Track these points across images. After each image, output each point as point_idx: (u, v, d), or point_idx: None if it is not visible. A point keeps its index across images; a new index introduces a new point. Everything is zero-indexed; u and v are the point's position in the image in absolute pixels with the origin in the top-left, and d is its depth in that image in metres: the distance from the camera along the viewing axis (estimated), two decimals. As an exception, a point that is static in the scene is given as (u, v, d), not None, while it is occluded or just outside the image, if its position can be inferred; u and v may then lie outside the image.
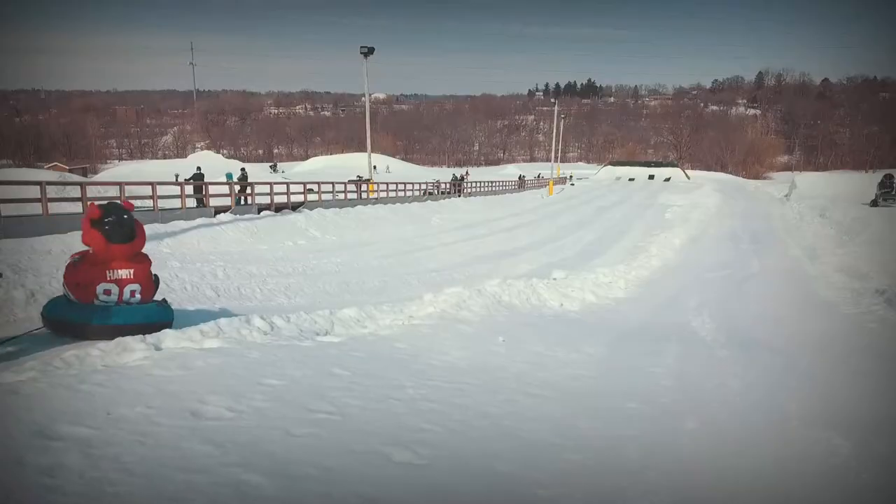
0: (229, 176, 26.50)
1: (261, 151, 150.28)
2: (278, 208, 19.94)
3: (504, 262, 15.92)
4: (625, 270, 13.31)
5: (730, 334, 7.41)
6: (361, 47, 29.06)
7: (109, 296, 4.66)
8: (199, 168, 23.91)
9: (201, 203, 18.80)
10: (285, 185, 20.81)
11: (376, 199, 26.58)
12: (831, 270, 15.49)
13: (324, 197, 23.34)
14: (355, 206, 23.93)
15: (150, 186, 15.80)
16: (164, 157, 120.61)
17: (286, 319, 5.06)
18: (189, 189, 18.68)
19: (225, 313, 5.77)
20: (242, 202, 20.69)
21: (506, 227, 26.40)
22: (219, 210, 17.69)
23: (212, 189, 18.97)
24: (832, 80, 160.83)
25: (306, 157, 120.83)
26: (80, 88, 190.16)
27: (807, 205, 31.23)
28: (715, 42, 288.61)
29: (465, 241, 20.11)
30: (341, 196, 24.23)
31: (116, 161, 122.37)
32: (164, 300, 5.11)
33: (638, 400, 4.06)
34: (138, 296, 4.79)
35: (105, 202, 5.21)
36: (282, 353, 4.11)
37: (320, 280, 11.71)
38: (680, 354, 5.94)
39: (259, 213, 18.85)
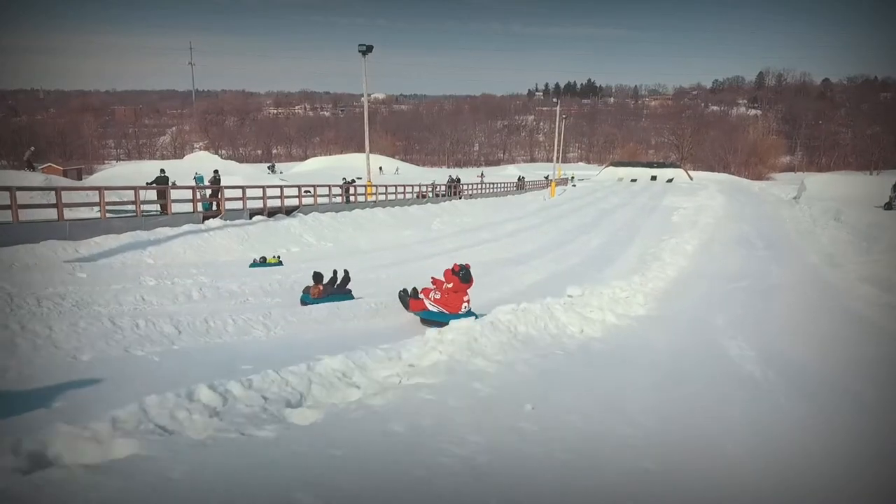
0: (199, 179, 25.28)
1: (259, 152, 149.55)
2: (271, 213, 19.03)
3: (510, 272, 14.99)
4: (641, 282, 12.39)
5: (778, 366, 6.49)
6: (359, 45, 28.18)
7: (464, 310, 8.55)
8: (162, 171, 22.04)
9: (164, 210, 17.22)
10: (279, 189, 19.82)
11: (374, 201, 25.66)
12: (856, 280, 14.57)
13: (320, 200, 22.41)
14: (352, 209, 23.04)
15: (132, 191, 14.86)
16: (163, 157, 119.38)
17: (246, 385, 3.87)
18: (178, 193, 17.74)
19: (178, 363, 4.83)
20: (214, 207, 18.88)
21: (509, 231, 25.48)
22: (208, 215, 16.77)
23: (178, 194, 17.75)
24: (833, 79, 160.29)
25: (305, 158, 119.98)
26: (80, 88, 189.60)
27: (818, 207, 30.30)
28: (715, 42, 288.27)
29: (468, 248, 19.18)
30: (338, 199, 23.31)
31: (114, 161, 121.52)
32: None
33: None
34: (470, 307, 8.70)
35: (462, 265, 8.88)
36: (221, 464, 2.95)
37: None
38: (739, 409, 4.96)
39: (251, 218, 17.95)
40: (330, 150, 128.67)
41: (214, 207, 18.35)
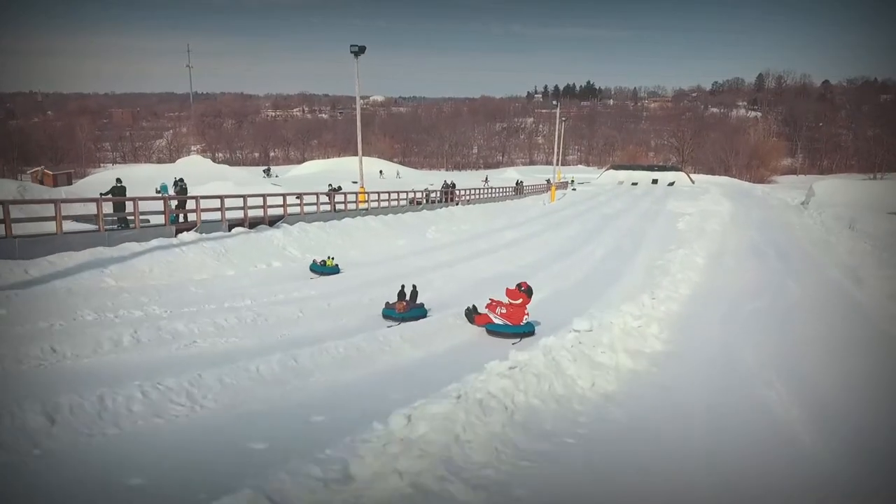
0: (163, 188, 23.77)
1: (257, 154, 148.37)
2: (253, 223, 17.78)
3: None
4: (652, 305, 11.19)
5: (832, 428, 5.33)
6: (351, 46, 26.94)
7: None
8: (118, 180, 19.44)
9: (126, 223, 15.70)
10: (261, 198, 18.55)
11: (366, 209, 24.42)
12: (885, 299, 13.41)
13: (308, 209, 21.13)
14: (342, 218, 21.79)
15: (94, 203, 13.62)
16: (159, 160, 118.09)
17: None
18: (148, 204, 16.43)
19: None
20: (181, 219, 17.26)
21: (508, 240, 24.26)
22: (182, 228, 15.51)
23: (147, 205, 16.12)
24: (832, 81, 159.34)
25: (303, 161, 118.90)
26: (78, 91, 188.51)
27: (829, 214, 29.14)
28: (714, 43, 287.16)
29: (464, 261, 17.95)
30: (327, 207, 22.04)
31: (111, 165, 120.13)
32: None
33: None
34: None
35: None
36: None
37: (273, 334, 9.22)
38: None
39: (230, 230, 16.69)
40: (328, 153, 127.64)
41: (182, 220, 16.77)
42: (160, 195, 18.84)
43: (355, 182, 33.21)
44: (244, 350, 7.98)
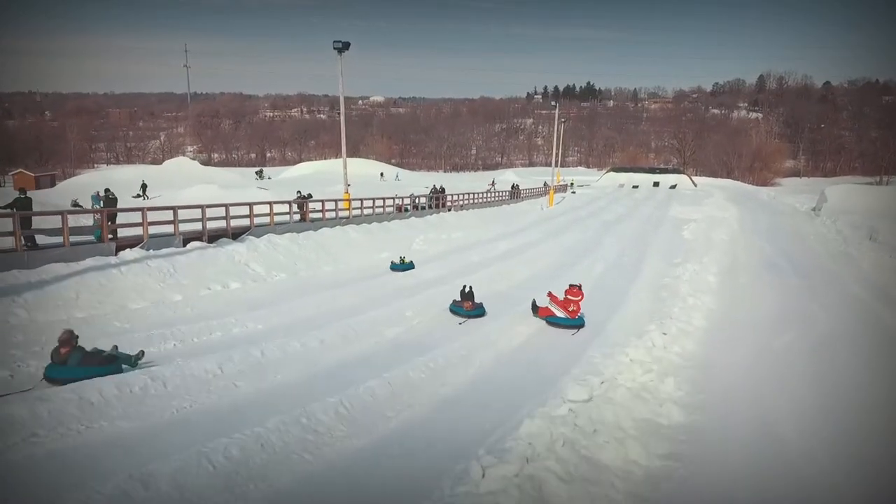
0: (94, 200, 21.81)
1: (253, 155, 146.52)
2: (213, 237, 15.89)
3: (499, 320, 11.85)
4: (664, 345, 9.40)
5: None
6: (335, 42, 25.10)
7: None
8: (22, 191, 15.95)
9: (32, 242, 13.09)
10: (223, 208, 16.58)
11: (348, 217, 22.54)
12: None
13: (279, 219, 19.19)
14: (319, 228, 19.92)
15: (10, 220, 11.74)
16: (153, 161, 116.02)
17: None
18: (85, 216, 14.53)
19: None
20: (109, 236, 14.16)
21: (502, 251, 22.43)
22: (124, 244, 13.60)
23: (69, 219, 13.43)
24: (834, 82, 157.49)
25: (300, 161, 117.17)
26: (77, 91, 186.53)
27: (844, 222, 27.30)
28: (715, 44, 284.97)
29: (450, 279, 16.05)
30: (297, 217, 20.12)
31: (104, 165, 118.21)
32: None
33: None
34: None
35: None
36: None
37: (165, 411, 6.81)
38: None
39: (185, 245, 14.80)
40: (325, 154, 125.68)
41: (110, 236, 14.13)
42: (93, 207, 16.64)
43: (300, 192, 31.04)
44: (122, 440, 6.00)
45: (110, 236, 13.77)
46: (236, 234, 16.64)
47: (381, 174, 77.35)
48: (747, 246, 23.65)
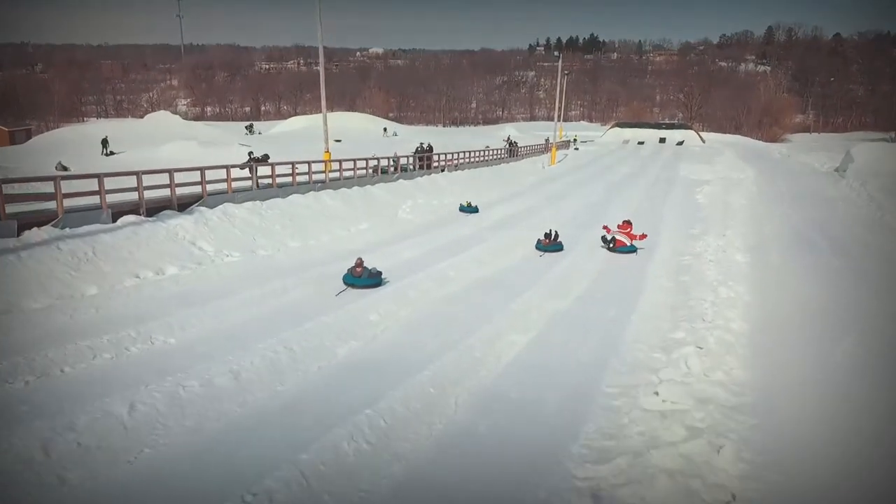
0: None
1: (247, 109, 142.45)
2: (153, 209, 13.39)
3: (487, 328, 9.45)
4: (701, 366, 7.14)
5: None
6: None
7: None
8: None
9: None
10: (167, 175, 13.95)
11: (324, 182, 20.00)
12: None
13: (237, 185, 16.53)
14: (289, 195, 17.44)
15: None
16: (143, 115, 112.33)
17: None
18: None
19: None
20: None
21: (495, 220, 20.06)
22: (32, 221, 11.11)
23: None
24: (843, 35, 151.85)
25: (295, 114, 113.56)
26: (70, 42, 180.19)
27: (875, 186, 24.75)
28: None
29: (434, 260, 13.70)
30: (268, 181, 17.58)
31: (95, 118, 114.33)
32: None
33: None
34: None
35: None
36: None
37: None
38: None
39: (115, 220, 12.33)
40: (320, 108, 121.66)
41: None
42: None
43: (251, 154, 28.19)
44: None
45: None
46: (185, 205, 14.17)
47: (385, 129, 73.86)
48: (770, 214, 21.20)
